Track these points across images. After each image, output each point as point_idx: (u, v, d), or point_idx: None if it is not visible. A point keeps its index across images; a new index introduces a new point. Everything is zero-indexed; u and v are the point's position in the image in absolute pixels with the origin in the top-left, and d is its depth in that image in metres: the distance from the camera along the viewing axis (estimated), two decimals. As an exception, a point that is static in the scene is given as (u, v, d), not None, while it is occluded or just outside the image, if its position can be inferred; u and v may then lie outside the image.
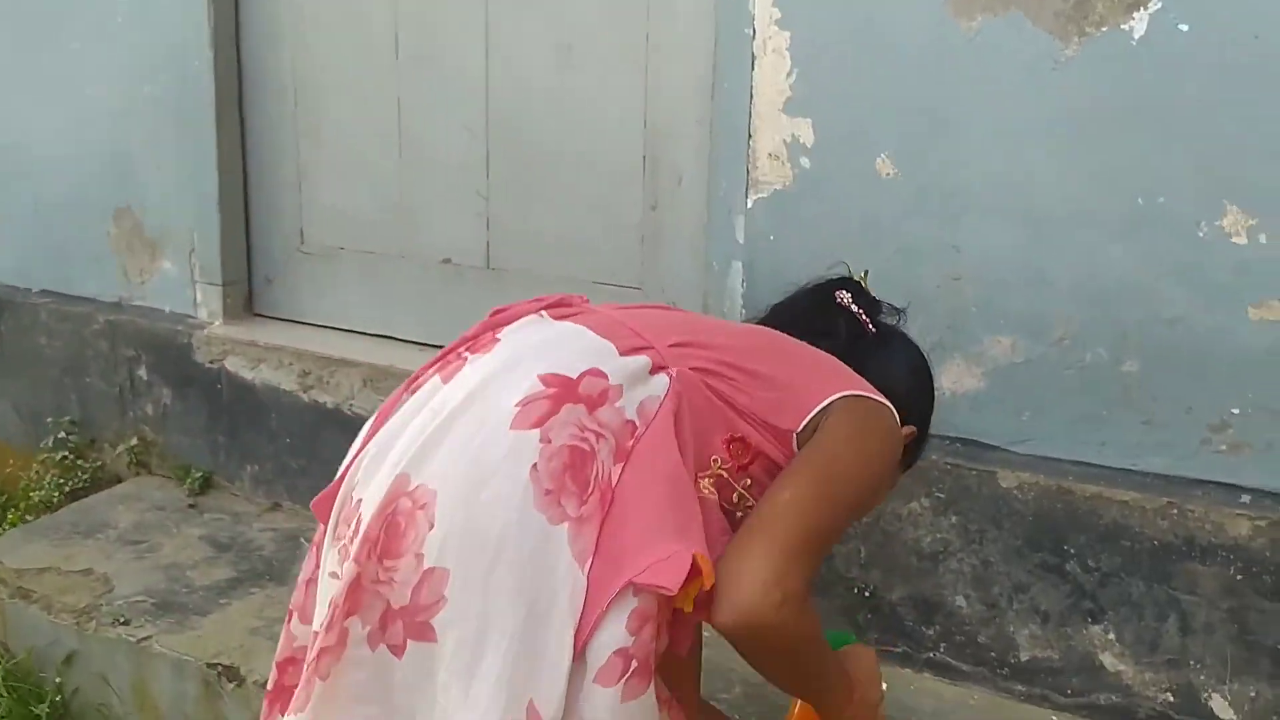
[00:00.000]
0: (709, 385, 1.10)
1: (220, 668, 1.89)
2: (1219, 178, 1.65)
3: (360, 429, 1.20)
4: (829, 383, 1.17)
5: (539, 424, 0.98)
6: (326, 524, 1.10)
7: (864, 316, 1.39)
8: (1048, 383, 1.80)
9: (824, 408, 1.14)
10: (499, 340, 1.12)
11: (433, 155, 2.38)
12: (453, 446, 0.99)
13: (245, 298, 2.65)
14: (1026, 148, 1.76)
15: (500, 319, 1.17)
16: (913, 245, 1.86)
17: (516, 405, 1.00)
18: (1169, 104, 1.66)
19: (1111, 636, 1.79)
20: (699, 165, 2.08)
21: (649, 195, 2.15)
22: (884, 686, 1.32)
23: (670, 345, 1.11)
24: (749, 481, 1.12)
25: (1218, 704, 1.73)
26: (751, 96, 1.94)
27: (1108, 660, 1.80)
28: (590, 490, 0.97)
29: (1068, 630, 1.81)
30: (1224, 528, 1.69)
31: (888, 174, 1.87)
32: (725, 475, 1.10)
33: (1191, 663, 1.74)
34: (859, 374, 1.24)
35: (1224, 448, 1.71)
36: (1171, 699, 1.76)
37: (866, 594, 1.93)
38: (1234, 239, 1.65)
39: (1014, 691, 1.86)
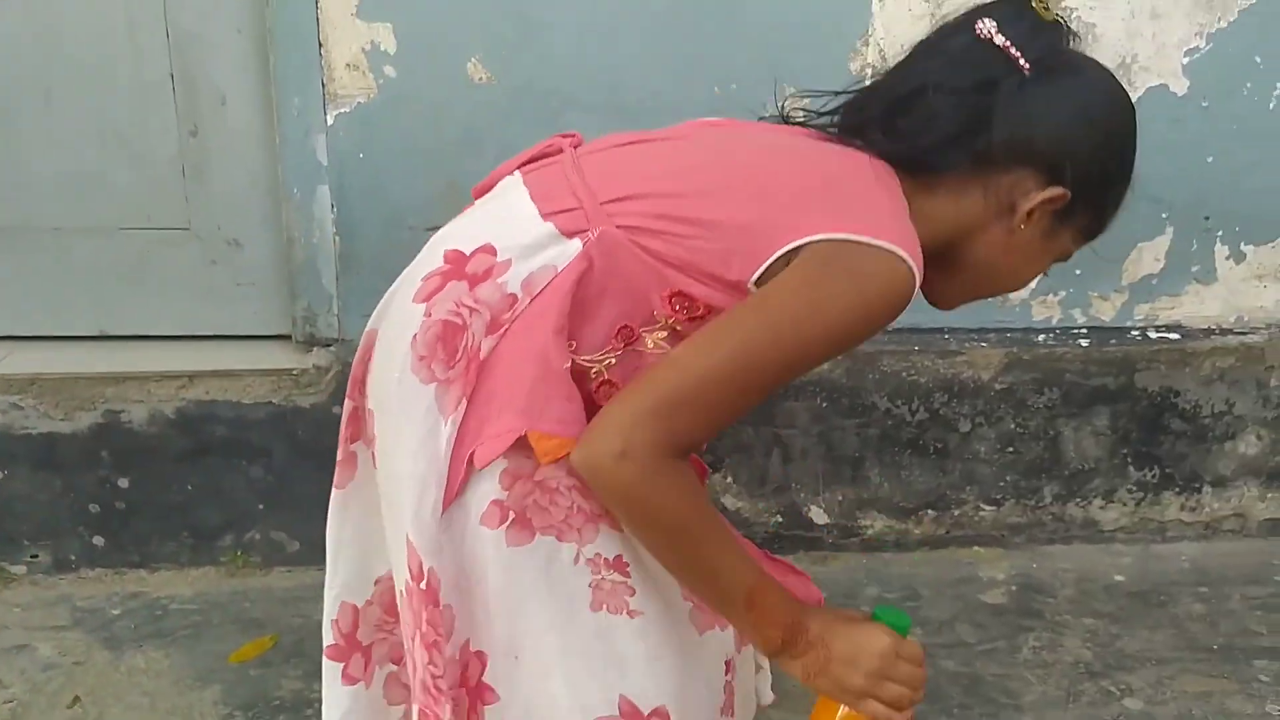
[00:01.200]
0: (638, 244, 1.03)
1: None
2: (775, 65, 1.86)
3: None
4: (806, 221, 1.00)
5: (427, 299, 1.04)
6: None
7: (1014, 51, 1.04)
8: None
9: (791, 250, 1.00)
10: (469, 209, 1.15)
11: None
12: (396, 306, 1.09)
13: None
14: (615, 44, 1.83)
15: (487, 182, 1.18)
16: (516, 147, 1.80)
17: (421, 279, 1.06)
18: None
19: (730, 480, 2.02)
20: (246, 81, 1.84)
21: (185, 119, 1.85)
22: (912, 693, 1.01)
23: (605, 201, 1.04)
24: None
25: (816, 514, 2.06)
26: (317, 2, 1.75)
27: (729, 501, 2.03)
28: (458, 358, 1.02)
29: (692, 485, 2.01)
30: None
31: (480, 78, 1.82)
32: (679, 329, 1.04)
33: (793, 486, 2.04)
34: (995, 133, 1.03)
35: (797, 299, 1.99)
36: (781, 519, 2.06)
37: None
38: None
39: (655, 551, 2.02)
